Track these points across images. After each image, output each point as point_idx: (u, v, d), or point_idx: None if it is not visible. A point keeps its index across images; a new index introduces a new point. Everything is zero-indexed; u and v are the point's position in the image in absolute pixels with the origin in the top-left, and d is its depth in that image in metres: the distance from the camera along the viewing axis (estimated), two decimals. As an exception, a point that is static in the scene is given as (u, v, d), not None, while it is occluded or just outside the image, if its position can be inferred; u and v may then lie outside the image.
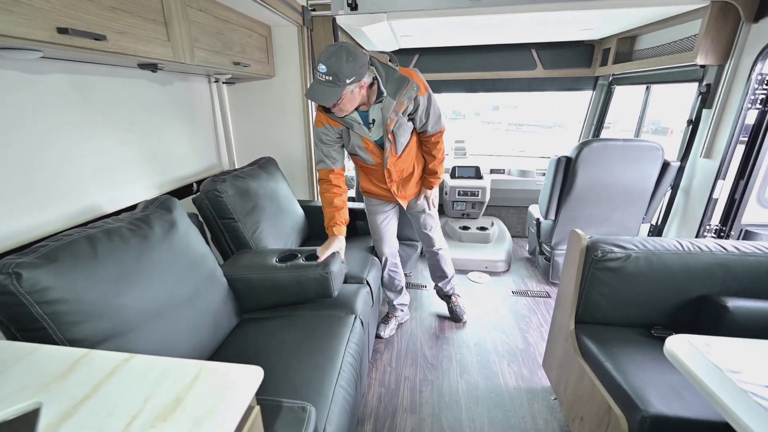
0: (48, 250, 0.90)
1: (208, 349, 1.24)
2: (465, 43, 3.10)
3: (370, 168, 1.75)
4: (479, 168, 3.49)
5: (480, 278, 2.91)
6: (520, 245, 3.57)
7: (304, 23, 2.08)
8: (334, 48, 1.28)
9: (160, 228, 1.19)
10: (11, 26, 0.79)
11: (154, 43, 1.20)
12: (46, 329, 0.85)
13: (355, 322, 1.47)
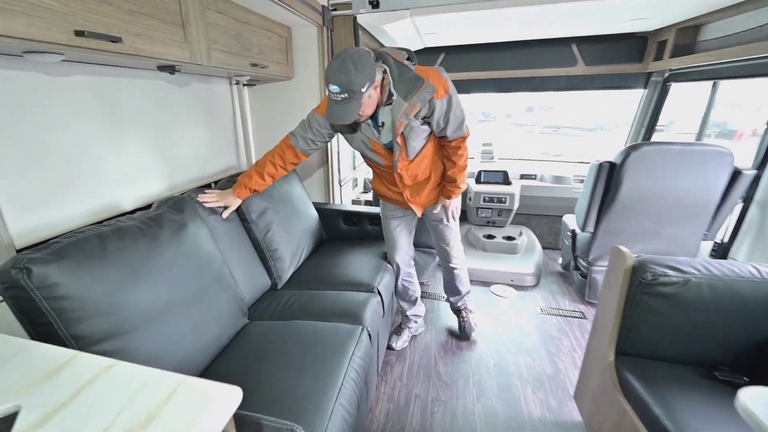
0: (59, 247, 0.96)
1: (210, 352, 1.28)
2: (495, 40, 3.02)
3: (381, 170, 1.72)
4: (507, 173, 3.42)
5: (504, 292, 2.81)
6: (552, 258, 3.43)
7: (324, 23, 2.12)
8: (338, 62, 1.25)
9: (170, 228, 1.25)
10: (30, 29, 0.85)
11: (171, 45, 1.26)
12: (52, 324, 0.91)
13: (362, 335, 1.46)
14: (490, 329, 2.35)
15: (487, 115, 22.86)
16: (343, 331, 1.44)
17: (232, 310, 1.41)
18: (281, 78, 2.15)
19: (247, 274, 1.66)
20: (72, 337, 0.92)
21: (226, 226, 1.64)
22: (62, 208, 1.27)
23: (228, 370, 1.24)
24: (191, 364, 1.17)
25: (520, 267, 2.94)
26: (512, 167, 3.66)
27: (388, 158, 1.61)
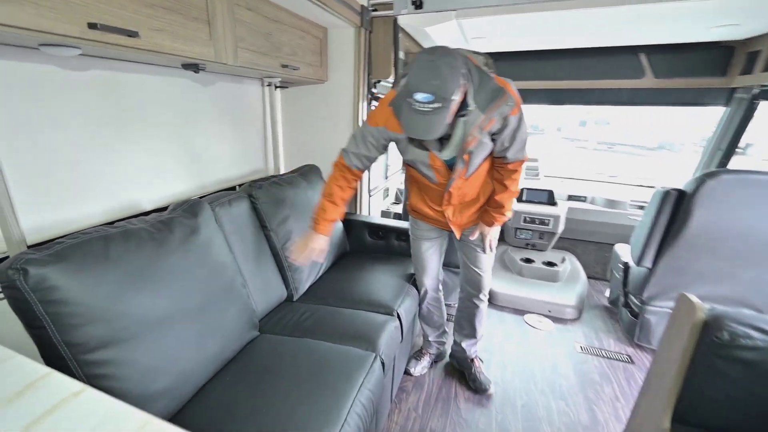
0: (61, 248, 0.94)
1: (212, 366, 1.23)
2: (550, 46, 2.82)
3: (427, 185, 1.55)
4: (553, 192, 3.19)
5: (540, 323, 2.61)
6: (598, 290, 3.15)
7: (362, 24, 2.06)
8: (428, 64, 1.10)
9: (181, 233, 1.21)
10: (39, 20, 0.83)
11: (195, 42, 1.24)
12: (46, 329, 0.88)
13: (374, 363, 1.37)
14: (521, 364, 2.17)
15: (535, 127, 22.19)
16: (354, 358, 1.35)
17: (239, 324, 1.36)
18: (314, 81, 2.11)
19: (262, 283, 1.62)
20: (65, 344, 0.90)
21: (245, 232, 1.60)
22: (79, 205, 1.28)
23: (225, 389, 1.19)
24: (189, 378, 1.12)
25: (559, 297, 2.72)
26: (559, 186, 3.43)
27: (445, 175, 1.46)
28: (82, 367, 0.91)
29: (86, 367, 0.91)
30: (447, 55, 1.12)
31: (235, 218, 1.56)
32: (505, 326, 2.54)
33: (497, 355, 2.24)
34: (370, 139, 1.42)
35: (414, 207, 1.71)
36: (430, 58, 1.11)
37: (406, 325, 1.70)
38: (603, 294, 3.04)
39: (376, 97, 2.32)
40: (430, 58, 1.11)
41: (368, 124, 1.42)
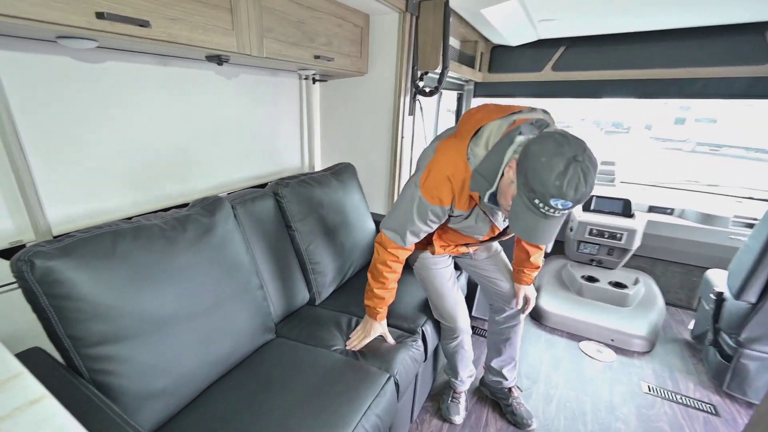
0: (70, 242, 0.99)
1: (219, 368, 1.24)
2: (639, 28, 2.42)
3: (456, 234, 1.44)
4: (630, 202, 2.84)
5: (599, 353, 2.34)
6: (679, 320, 2.77)
7: (407, 8, 1.96)
8: (574, 170, 0.92)
9: (194, 231, 1.24)
10: (45, 11, 0.86)
11: (214, 32, 1.24)
12: (50, 320, 0.94)
13: (386, 386, 1.30)
14: (569, 398, 1.96)
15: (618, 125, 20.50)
16: (365, 377, 1.30)
17: (251, 327, 1.37)
18: (352, 73, 2.06)
19: (282, 285, 1.63)
20: (68, 337, 0.95)
21: (268, 232, 1.61)
22: (106, 198, 1.37)
23: (227, 395, 1.20)
24: (191, 380, 1.15)
25: (627, 325, 2.42)
26: (640, 195, 3.06)
27: (493, 233, 1.40)
28: (84, 361, 0.96)
29: (88, 361, 0.96)
30: (587, 151, 0.94)
31: (258, 217, 1.57)
32: (555, 352, 2.34)
33: (541, 384, 2.06)
34: (432, 217, 1.27)
35: (439, 245, 1.52)
36: (572, 156, 0.92)
37: (431, 343, 1.61)
38: (685, 326, 2.68)
39: (422, 91, 2.21)
40: (574, 159, 0.92)
41: (429, 202, 1.23)
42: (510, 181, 1.04)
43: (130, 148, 1.42)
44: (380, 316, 1.47)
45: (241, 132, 1.89)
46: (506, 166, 1.06)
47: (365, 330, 1.48)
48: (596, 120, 23.78)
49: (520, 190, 1.00)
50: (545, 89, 2.96)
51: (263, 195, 1.63)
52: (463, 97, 3.37)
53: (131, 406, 0.99)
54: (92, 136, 1.30)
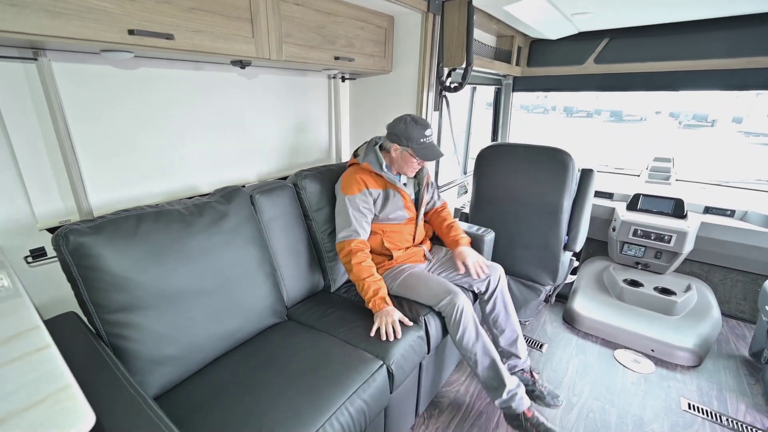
0: (101, 222, 1.16)
1: (224, 343, 1.36)
2: (686, 18, 2.21)
3: (397, 231, 1.81)
4: (682, 202, 2.58)
5: (636, 364, 2.15)
6: (739, 334, 2.47)
7: (429, 8, 1.99)
8: (422, 118, 1.75)
9: (209, 217, 1.37)
10: (83, 30, 1.02)
11: (235, 41, 1.37)
12: (79, 288, 1.11)
13: (377, 373, 1.34)
14: (594, 408, 1.82)
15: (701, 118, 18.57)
16: (357, 362, 1.35)
17: (258, 308, 1.48)
18: (376, 72, 2.13)
19: (297, 271, 1.73)
20: (92, 303, 1.11)
21: (286, 220, 1.72)
22: (142, 186, 1.55)
23: (229, 368, 1.31)
24: (198, 350, 1.27)
25: (671, 335, 2.19)
26: (697, 195, 2.76)
27: (413, 210, 1.84)
28: (103, 325, 1.11)
29: (106, 325, 1.11)
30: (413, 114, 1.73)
31: (277, 206, 1.68)
32: (585, 357, 2.19)
33: (563, 390, 1.95)
34: (362, 205, 1.68)
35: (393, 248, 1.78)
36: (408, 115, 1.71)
37: (434, 334, 1.62)
38: (747, 341, 2.37)
39: (447, 87, 2.23)
40: (408, 116, 1.71)
41: (350, 195, 1.68)
42: (400, 152, 1.69)
43: (165, 143, 1.58)
44: (387, 300, 1.56)
45: (269, 128, 2.01)
46: (392, 149, 1.70)
47: (382, 320, 1.50)
48: (673, 112, 21.48)
49: (407, 148, 1.66)
50: (587, 82, 2.85)
51: (283, 185, 1.74)
52: (501, 92, 3.31)
53: (142, 369, 1.13)
54: (131, 132, 1.47)
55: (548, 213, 2.16)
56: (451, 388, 1.95)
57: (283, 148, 2.11)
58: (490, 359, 1.58)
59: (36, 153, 1.26)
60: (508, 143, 2.54)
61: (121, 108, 1.44)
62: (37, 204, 1.28)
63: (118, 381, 0.93)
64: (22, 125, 1.22)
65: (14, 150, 1.21)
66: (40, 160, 1.27)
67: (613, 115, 22.87)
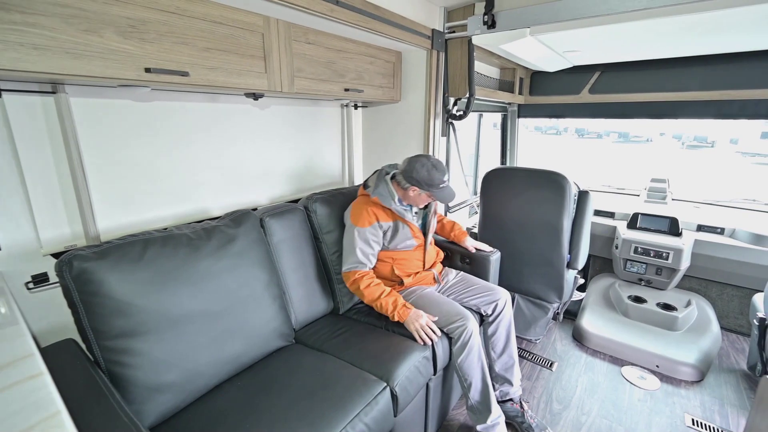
0: (106, 248, 1.08)
1: (228, 367, 1.26)
2: (668, 55, 2.27)
3: (406, 258, 1.73)
4: (677, 220, 2.51)
5: (642, 380, 2.02)
6: (739, 348, 2.34)
7: (433, 47, 1.99)
8: (436, 162, 1.60)
9: (217, 241, 1.29)
10: (105, 70, 1.01)
11: (248, 76, 1.34)
12: (79, 314, 1.02)
13: (380, 395, 1.22)
14: (602, 427, 1.70)
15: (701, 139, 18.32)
16: (360, 384, 1.23)
17: (264, 332, 1.37)
18: (386, 101, 2.12)
19: (306, 294, 1.64)
20: (91, 329, 1.02)
21: (296, 243, 1.64)
22: (152, 210, 1.48)
23: (232, 393, 1.21)
24: (200, 376, 1.17)
25: (675, 351, 2.08)
26: (691, 213, 2.68)
27: (421, 237, 1.75)
28: (101, 351, 1.02)
29: (105, 352, 1.02)
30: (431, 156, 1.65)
31: (287, 228, 1.60)
32: (593, 376, 2.04)
33: (572, 410, 1.80)
34: (372, 238, 1.60)
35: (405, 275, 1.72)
36: (431, 159, 1.62)
37: (441, 355, 1.50)
38: (742, 354, 2.25)
39: (452, 115, 2.21)
40: (431, 159, 1.61)
41: (361, 227, 1.58)
42: (417, 193, 1.60)
43: (179, 170, 1.52)
44: (408, 307, 1.53)
45: (282, 154, 1.95)
46: (410, 190, 1.60)
47: (414, 326, 1.48)
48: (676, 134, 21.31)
49: (430, 184, 1.56)
50: (583, 110, 2.90)
51: (293, 208, 1.66)
52: (507, 117, 3.30)
53: (140, 396, 1.03)
54: (145, 160, 1.41)
55: (549, 233, 2.11)
56: (462, 411, 1.80)
57: (295, 172, 2.05)
58: (484, 385, 1.54)
59: (47, 179, 1.20)
60: (510, 167, 2.62)
61: (137, 138, 1.39)
62: (44, 229, 1.21)
63: (112, 410, 0.84)
64: (34, 153, 1.16)
65: (24, 176, 1.15)
66: (50, 187, 1.21)
67: (621, 137, 22.68)
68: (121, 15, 1.02)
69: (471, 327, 1.50)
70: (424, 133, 2.14)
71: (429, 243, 1.76)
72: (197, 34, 1.17)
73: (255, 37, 1.34)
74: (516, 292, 2.31)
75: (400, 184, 1.62)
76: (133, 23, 1.04)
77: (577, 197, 2.18)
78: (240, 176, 1.79)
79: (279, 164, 1.96)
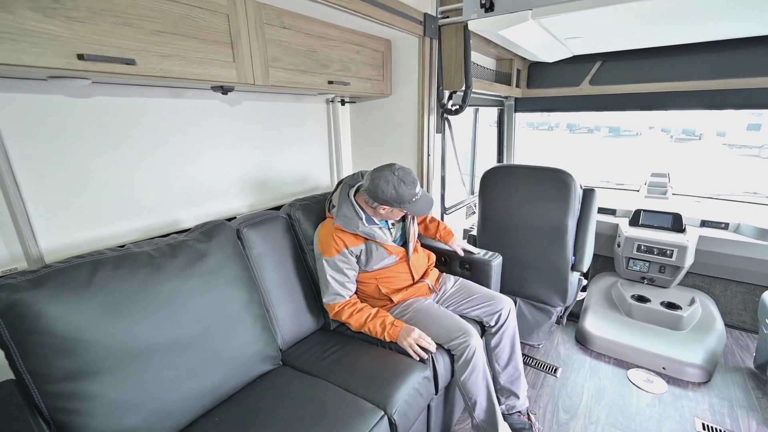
0: (44, 273, 0.89)
1: (206, 399, 1.09)
2: (673, 41, 2.11)
3: (390, 275, 1.51)
4: (681, 216, 2.37)
5: (649, 383, 1.91)
6: (743, 345, 2.22)
7: (425, 33, 1.76)
8: (405, 174, 1.35)
9: (185, 258, 1.11)
10: (17, 55, 0.79)
11: (212, 65, 1.13)
12: (12, 355, 0.84)
13: (379, 425, 1.06)
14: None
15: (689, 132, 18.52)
16: (354, 414, 1.08)
17: (246, 356, 1.20)
18: (375, 95, 1.90)
19: (293, 310, 1.46)
20: (28, 372, 0.84)
21: (280, 255, 1.46)
22: (110, 225, 1.26)
23: (211, 429, 1.04)
24: (168, 416, 0.99)
25: (680, 351, 1.96)
26: (694, 208, 2.55)
27: (400, 252, 1.52)
28: (44, 399, 0.84)
29: (49, 398, 0.84)
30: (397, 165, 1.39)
31: (268, 240, 1.42)
32: (599, 381, 1.93)
33: (580, 420, 1.69)
34: (344, 266, 1.41)
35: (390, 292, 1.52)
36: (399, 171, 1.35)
37: (442, 374, 1.34)
38: (750, 352, 2.12)
39: (448, 110, 1.99)
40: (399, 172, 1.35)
41: (330, 256, 1.39)
42: (389, 210, 1.38)
43: (139, 177, 1.31)
44: (397, 325, 1.37)
45: (260, 155, 1.74)
46: (380, 209, 1.38)
47: (406, 343, 1.33)
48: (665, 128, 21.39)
49: (399, 200, 1.33)
50: (583, 103, 2.72)
51: (274, 217, 1.48)
52: (504, 112, 3.10)
53: None
54: (94, 168, 1.19)
55: (553, 234, 1.96)
56: (465, 425, 1.66)
57: (276, 176, 1.84)
58: (489, 403, 1.38)
59: None
60: (510, 165, 2.48)
61: (81, 141, 1.16)
62: None
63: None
64: None
65: None
66: None
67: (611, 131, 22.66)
68: (37, -16, 0.78)
69: (474, 344, 1.34)
70: (418, 130, 1.93)
71: (412, 253, 1.55)
72: (144, 14, 0.96)
73: (219, 19, 1.12)
74: (518, 296, 2.16)
75: (367, 202, 1.40)
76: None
77: (583, 196, 2.01)
78: (212, 182, 1.57)
79: (257, 167, 1.75)
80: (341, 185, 1.49)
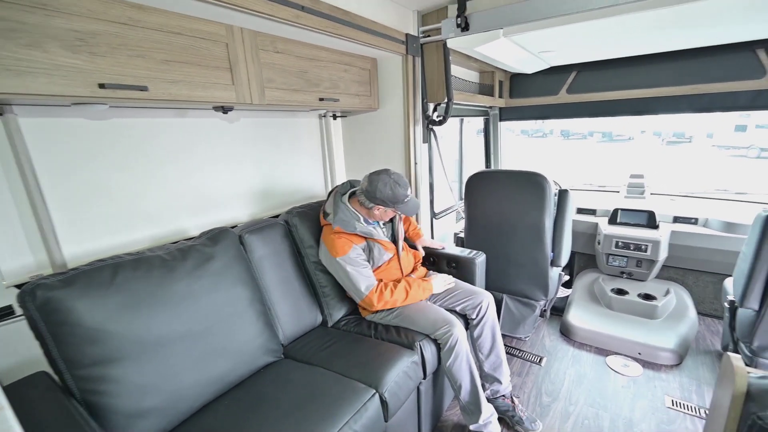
0: (73, 275, 1.01)
1: (214, 387, 1.19)
2: (639, 52, 2.29)
3: (383, 272, 1.64)
4: (654, 214, 2.52)
5: (625, 368, 2.03)
6: (714, 331, 2.38)
7: (407, 52, 1.90)
8: (397, 177, 1.51)
9: (194, 260, 1.23)
10: (50, 87, 0.91)
11: (214, 88, 1.26)
12: (47, 345, 0.95)
13: (370, 402, 1.17)
14: (588, 415, 1.71)
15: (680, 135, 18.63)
16: (349, 393, 1.19)
17: (250, 349, 1.31)
18: (364, 109, 2.03)
19: (293, 309, 1.57)
20: (63, 359, 0.95)
21: (279, 259, 1.57)
22: (124, 233, 1.38)
23: (219, 413, 1.14)
24: (183, 398, 1.10)
25: (654, 338, 2.10)
26: (668, 206, 2.69)
27: (392, 248, 1.67)
28: (75, 381, 0.95)
29: (79, 381, 0.95)
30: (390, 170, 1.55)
31: (268, 244, 1.54)
32: (580, 367, 2.05)
33: (561, 402, 1.81)
34: (359, 259, 1.53)
35: None
36: (392, 176, 1.51)
37: (429, 360, 1.45)
38: (719, 336, 2.28)
39: (433, 121, 2.12)
40: (393, 177, 1.50)
41: (345, 254, 1.50)
42: (383, 210, 1.54)
43: (149, 190, 1.42)
44: (427, 280, 1.64)
45: (259, 168, 1.86)
46: (375, 209, 1.53)
47: (437, 285, 1.64)
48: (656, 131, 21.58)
49: (389, 207, 1.52)
50: (562, 111, 2.87)
51: (273, 223, 1.60)
52: (490, 121, 3.24)
53: (120, 424, 0.97)
54: (109, 181, 1.31)
55: (532, 232, 2.09)
56: (455, 411, 1.76)
57: (274, 186, 1.96)
58: (473, 386, 1.51)
59: (1, 206, 1.10)
60: (491, 170, 2.65)
61: (99, 158, 1.28)
62: (5, 260, 1.11)
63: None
64: None
65: None
66: (6, 214, 1.10)
67: (604, 136, 22.88)
68: (66, 27, 0.93)
69: (457, 333, 1.46)
70: (405, 141, 2.06)
71: (401, 250, 1.70)
72: (154, 46, 1.09)
73: (218, 48, 1.25)
74: (504, 292, 2.27)
75: (363, 204, 1.54)
76: (81, 36, 0.95)
77: (558, 196, 2.14)
78: (216, 194, 1.70)
79: (256, 179, 1.88)
80: (333, 194, 1.62)
